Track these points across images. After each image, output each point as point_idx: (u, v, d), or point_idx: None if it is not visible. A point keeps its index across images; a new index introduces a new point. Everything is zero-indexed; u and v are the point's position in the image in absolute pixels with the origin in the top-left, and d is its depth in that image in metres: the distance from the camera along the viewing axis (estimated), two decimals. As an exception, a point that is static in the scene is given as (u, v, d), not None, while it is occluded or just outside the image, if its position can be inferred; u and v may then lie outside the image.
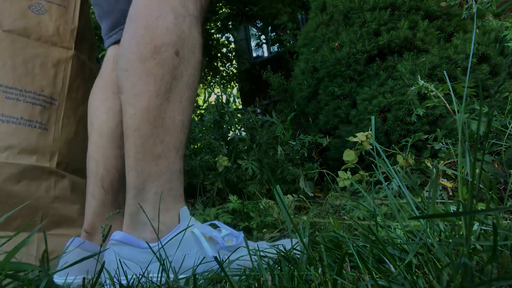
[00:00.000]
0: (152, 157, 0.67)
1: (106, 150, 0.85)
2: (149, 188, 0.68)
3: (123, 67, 0.69)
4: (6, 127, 0.97)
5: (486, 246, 0.42)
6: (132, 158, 0.68)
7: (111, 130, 0.85)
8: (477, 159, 0.63)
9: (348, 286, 0.41)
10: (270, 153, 1.58)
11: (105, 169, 0.84)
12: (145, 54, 0.67)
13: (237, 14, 4.53)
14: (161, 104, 0.67)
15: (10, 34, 1.01)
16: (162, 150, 0.68)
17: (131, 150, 0.69)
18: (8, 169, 0.95)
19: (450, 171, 0.91)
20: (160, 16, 0.68)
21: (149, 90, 0.67)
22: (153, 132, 0.67)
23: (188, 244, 0.67)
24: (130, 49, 0.69)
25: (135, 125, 0.68)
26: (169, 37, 0.67)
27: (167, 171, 0.69)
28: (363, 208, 0.91)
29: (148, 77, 0.67)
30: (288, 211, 0.48)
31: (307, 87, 1.69)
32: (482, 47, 1.36)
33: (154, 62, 0.67)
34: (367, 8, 1.50)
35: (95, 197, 0.84)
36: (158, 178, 0.68)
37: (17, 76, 1.01)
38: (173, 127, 0.69)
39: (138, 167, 0.68)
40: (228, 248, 0.68)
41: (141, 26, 0.68)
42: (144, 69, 0.67)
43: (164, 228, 0.68)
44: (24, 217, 0.97)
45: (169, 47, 0.67)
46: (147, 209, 0.67)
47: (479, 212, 0.31)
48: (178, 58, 0.68)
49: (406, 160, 1.18)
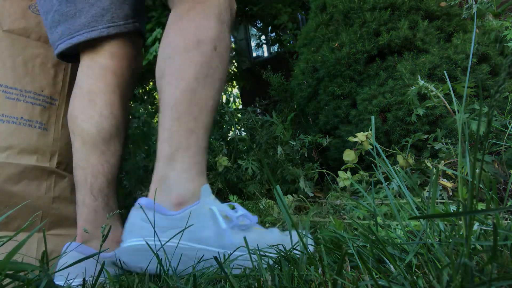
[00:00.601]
0: (185, 131, 0.77)
1: (91, 157, 0.87)
2: (178, 158, 0.76)
3: (168, 55, 0.81)
4: (6, 127, 0.97)
5: (486, 246, 0.42)
6: (167, 130, 0.78)
7: (93, 137, 0.87)
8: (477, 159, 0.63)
9: (348, 286, 0.41)
10: (270, 153, 1.58)
11: (92, 176, 0.87)
12: (189, 45, 0.79)
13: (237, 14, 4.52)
14: (197, 87, 0.78)
15: (10, 34, 1.01)
16: (194, 126, 0.78)
17: (166, 123, 0.78)
18: (8, 169, 0.95)
19: (450, 171, 0.91)
20: (205, 16, 0.81)
21: (189, 74, 0.78)
22: (188, 109, 0.77)
23: (205, 218, 0.74)
24: (176, 40, 0.80)
25: (173, 102, 0.78)
26: (210, 34, 0.81)
27: (196, 145, 0.78)
28: (363, 208, 0.91)
29: (190, 63, 0.78)
30: (288, 211, 0.48)
31: (307, 87, 1.69)
32: (482, 47, 1.36)
33: (196, 52, 0.79)
34: (367, 8, 1.50)
35: (86, 205, 0.86)
36: (188, 150, 0.77)
37: (17, 76, 1.01)
38: (205, 108, 0.79)
39: (171, 138, 0.77)
40: (240, 227, 0.75)
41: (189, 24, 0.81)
42: (188, 56, 0.79)
43: (188, 194, 0.75)
44: (24, 217, 0.97)
45: (210, 41, 0.80)
46: (174, 175, 0.76)
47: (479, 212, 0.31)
48: (215, 52, 0.81)
49: (406, 160, 1.18)
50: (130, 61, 0.94)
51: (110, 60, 0.91)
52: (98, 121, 0.88)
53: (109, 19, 0.88)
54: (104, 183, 0.88)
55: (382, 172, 1.17)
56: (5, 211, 0.92)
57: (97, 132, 0.87)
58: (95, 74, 0.90)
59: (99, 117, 0.88)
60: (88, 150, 0.87)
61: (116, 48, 0.92)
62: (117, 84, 0.92)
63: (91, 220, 0.85)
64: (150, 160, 1.80)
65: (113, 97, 0.90)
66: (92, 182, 0.86)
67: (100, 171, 0.87)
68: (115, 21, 0.90)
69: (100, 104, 0.89)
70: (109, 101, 0.90)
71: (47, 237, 1.00)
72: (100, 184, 0.87)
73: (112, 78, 0.91)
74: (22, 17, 1.04)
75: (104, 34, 0.88)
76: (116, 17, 0.89)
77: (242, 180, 1.55)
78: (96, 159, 0.87)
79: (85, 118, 0.88)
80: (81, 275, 0.75)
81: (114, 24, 0.89)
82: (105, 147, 0.88)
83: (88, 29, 0.88)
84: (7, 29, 1.01)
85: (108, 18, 0.88)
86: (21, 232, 0.95)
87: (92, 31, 0.88)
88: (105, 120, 0.88)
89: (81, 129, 0.88)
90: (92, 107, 0.88)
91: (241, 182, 1.53)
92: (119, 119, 0.91)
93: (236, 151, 1.71)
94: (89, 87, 0.90)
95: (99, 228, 0.84)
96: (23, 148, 0.98)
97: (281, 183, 1.48)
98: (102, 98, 0.89)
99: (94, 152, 0.87)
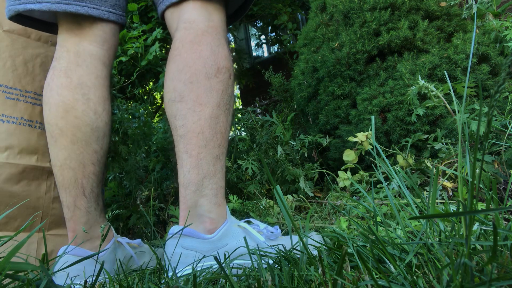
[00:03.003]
0: (212, 157, 0.79)
1: (82, 156, 0.82)
2: (207, 184, 0.78)
3: (188, 80, 0.79)
4: (6, 127, 0.97)
5: (486, 246, 0.42)
6: (195, 157, 0.78)
7: (87, 135, 0.83)
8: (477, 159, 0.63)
9: (348, 286, 0.41)
10: (270, 153, 1.58)
11: (83, 177, 0.83)
12: (210, 72, 0.79)
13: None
14: (220, 114, 0.80)
15: (10, 34, 1.01)
16: (219, 152, 0.80)
17: (194, 150, 0.78)
18: (8, 169, 0.95)
19: (450, 171, 0.91)
20: (220, 44, 0.82)
21: (212, 101, 0.79)
22: (213, 136, 0.79)
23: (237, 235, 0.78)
24: (197, 66, 0.80)
25: (198, 129, 0.78)
26: (227, 62, 0.82)
27: (221, 171, 0.81)
28: (363, 208, 0.91)
29: (212, 91, 0.79)
30: (288, 211, 0.48)
31: (307, 87, 1.70)
32: (482, 47, 1.36)
33: (217, 80, 0.80)
34: (367, 8, 1.50)
35: (78, 207, 0.82)
36: (214, 176, 0.79)
37: (17, 76, 1.01)
38: (225, 135, 0.82)
39: (199, 165, 0.78)
40: (270, 236, 0.81)
41: (208, 49, 0.80)
42: (209, 84, 0.79)
43: (218, 218, 0.78)
44: (24, 217, 0.97)
45: (227, 70, 0.82)
46: (205, 203, 0.78)
47: (479, 212, 0.31)
48: (231, 80, 0.83)
49: (406, 160, 1.18)
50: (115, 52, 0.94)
51: (101, 48, 0.87)
52: (93, 118, 0.83)
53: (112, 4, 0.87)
54: (95, 183, 0.85)
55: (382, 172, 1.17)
56: (5, 211, 0.92)
57: (91, 130, 0.83)
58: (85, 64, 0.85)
59: (93, 114, 0.83)
60: (79, 148, 0.82)
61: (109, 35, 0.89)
62: (106, 76, 0.88)
63: (83, 222, 0.82)
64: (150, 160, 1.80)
65: (105, 91, 0.87)
66: (84, 183, 0.83)
67: (92, 171, 0.84)
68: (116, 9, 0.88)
69: (94, 99, 0.84)
70: (102, 96, 0.86)
71: (47, 237, 1.00)
72: (91, 184, 0.84)
73: (103, 70, 0.87)
74: (22, 17, 1.04)
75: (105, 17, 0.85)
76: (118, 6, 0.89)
77: (242, 180, 1.55)
78: (88, 159, 0.83)
79: (79, 114, 0.82)
80: (80, 276, 0.75)
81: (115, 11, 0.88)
82: (98, 145, 0.85)
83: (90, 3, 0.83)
84: (7, 29, 1.01)
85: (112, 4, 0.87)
86: (21, 232, 0.95)
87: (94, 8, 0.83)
88: (99, 118, 0.84)
89: (74, 126, 0.82)
90: (86, 103, 0.83)
91: (241, 182, 1.53)
92: (110, 115, 0.88)
93: (236, 151, 1.71)
94: (80, 79, 0.84)
95: (91, 229, 0.83)
96: (23, 148, 0.99)
97: (281, 183, 1.48)
98: (96, 93, 0.85)
99: (86, 151, 0.83)
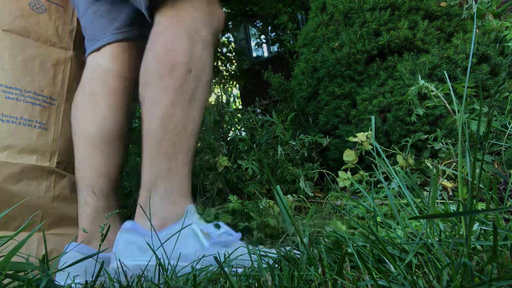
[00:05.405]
0: (165, 157, 0.77)
1: (93, 158, 0.89)
2: (160, 183, 0.77)
3: (145, 82, 0.80)
4: (6, 126, 0.97)
5: (486, 246, 0.42)
6: (147, 157, 0.78)
7: (95, 139, 0.89)
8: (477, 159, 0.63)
9: (348, 286, 0.41)
10: (270, 153, 1.58)
11: (94, 177, 0.88)
12: (163, 72, 0.77)
13: (237, 14, 4.52)
14: (174, 113, 0.78)
15: (10, 34, 1.01)
16: (173, 152, 0.78)
17: (147, 150, 0.78)
18: (8, 168, 0.95)
19: (450, 171, 0.91)
20: (176, 39, 0.79)
21: (165, 101, 0.77)
22: (166, 136, 0.77)
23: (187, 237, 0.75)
24: (152, 68, 0.79)
25: (151, 130, 0.78)
26: (183, 57, 0.78)
27: (176, 169, 0.78)
28: (363, 208, 0.91)
29: (165, 90, 0.77)
30: (288, 211, 0.48)
31: (307, 87, 1.69)
32: (482, 47, 1.36)
33: (170, 78, 0.77)
34: (367, 8, 1.50)
35: (88, 205, 0.87)
36: (169, 175, 0.77)
37: (17, 76, 1.01)
38: (184, 133, 0.79)
39: (152, 165, 0.78)
40: (220, 243, 0.77)
41: (161, 48, 0.79)
42: (162, 83, 0.77)
43: (170, 216, 0.77)
44: (24, 217, 0.97)
45: (183, 65, 0.78)
46: (157, 200, 0.77)
47: (479, 212, 0.31)
48: (190, 75, 0.79)
49: (406, 160, 1.18)
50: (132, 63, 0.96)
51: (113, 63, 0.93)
52: (101, 123, 0.89)
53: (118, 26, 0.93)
54: (105, 183, 0.89)
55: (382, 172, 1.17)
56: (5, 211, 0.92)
57: (99, 133, 0.89)
58: (98, 77, 0.92)
59: (102, 119, 0.89)
60: (90, 151, 0.89)
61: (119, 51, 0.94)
62: (118, 86, 0.93)
63: (92, 220, 0.86)
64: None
65: (116, 99, 0.92)
66: (93, 183, 0.88)
67: (102, 172, 0.88)
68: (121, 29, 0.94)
69: (103, 106, 0.90)
70: (112, 103, 0.91)
71: (47, 237, 1.00)
72: (102, 184, 0.88)
73: (115, 81, 0.92)
74: (22, 16, 1.04)
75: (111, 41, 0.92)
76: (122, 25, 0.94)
77: (242, 180, 1.55)
78: (98, 160, 0.88)
79: (88, 120, 0.90)
80: (82, 275, 0.75)
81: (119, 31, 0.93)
82: (108, 148, 0.90)
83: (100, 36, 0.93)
84: (7, 28, 1.01)
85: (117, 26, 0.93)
86: (21, 232, 0.95)
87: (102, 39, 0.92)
88: (108, 122, 0.90)
89: (84, 130, 0.90)
90: (95, 109, 0.90)
91: (241, 182, 1.53)
92: (123, 121, 0.92)
93: (236, 151, 1.71)
94: (92, 90, 0.91)
95: (99, 228, 0.85)
96: (23, 148, 0.98)
97: (281, 183, 1.48)
98: (106, 101, 0.91)
99: (96, 153, 0.89)
